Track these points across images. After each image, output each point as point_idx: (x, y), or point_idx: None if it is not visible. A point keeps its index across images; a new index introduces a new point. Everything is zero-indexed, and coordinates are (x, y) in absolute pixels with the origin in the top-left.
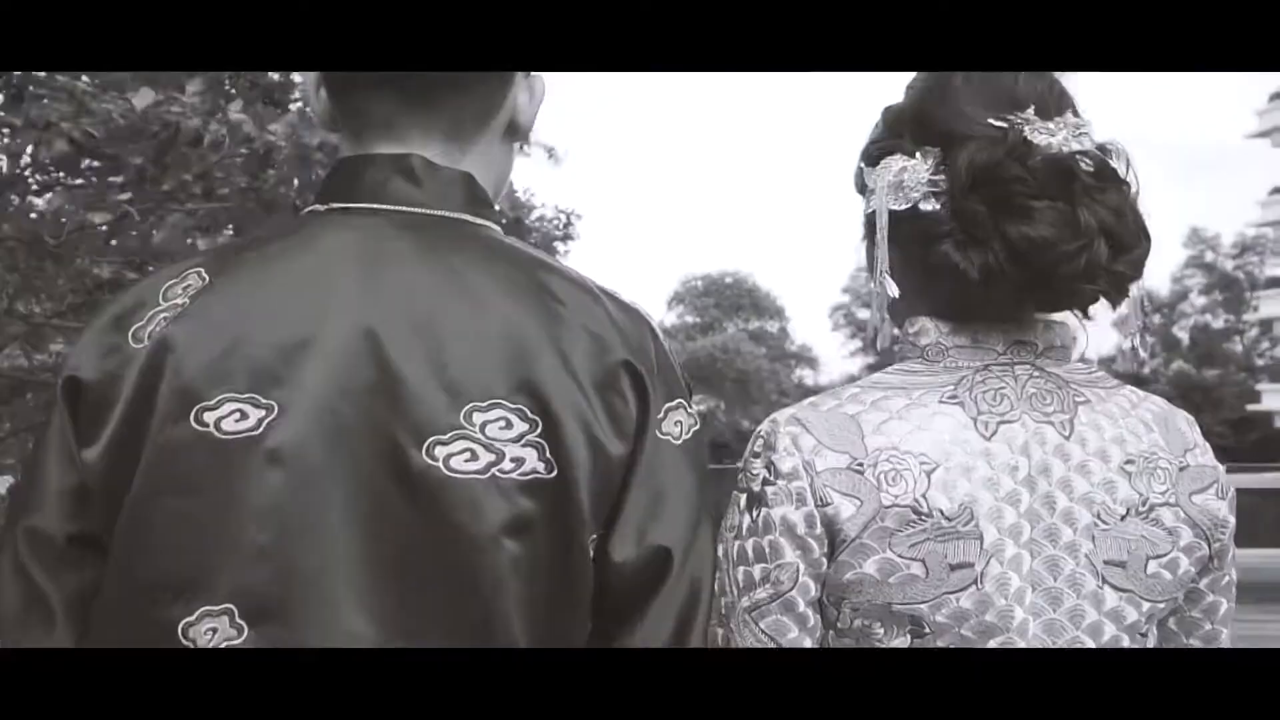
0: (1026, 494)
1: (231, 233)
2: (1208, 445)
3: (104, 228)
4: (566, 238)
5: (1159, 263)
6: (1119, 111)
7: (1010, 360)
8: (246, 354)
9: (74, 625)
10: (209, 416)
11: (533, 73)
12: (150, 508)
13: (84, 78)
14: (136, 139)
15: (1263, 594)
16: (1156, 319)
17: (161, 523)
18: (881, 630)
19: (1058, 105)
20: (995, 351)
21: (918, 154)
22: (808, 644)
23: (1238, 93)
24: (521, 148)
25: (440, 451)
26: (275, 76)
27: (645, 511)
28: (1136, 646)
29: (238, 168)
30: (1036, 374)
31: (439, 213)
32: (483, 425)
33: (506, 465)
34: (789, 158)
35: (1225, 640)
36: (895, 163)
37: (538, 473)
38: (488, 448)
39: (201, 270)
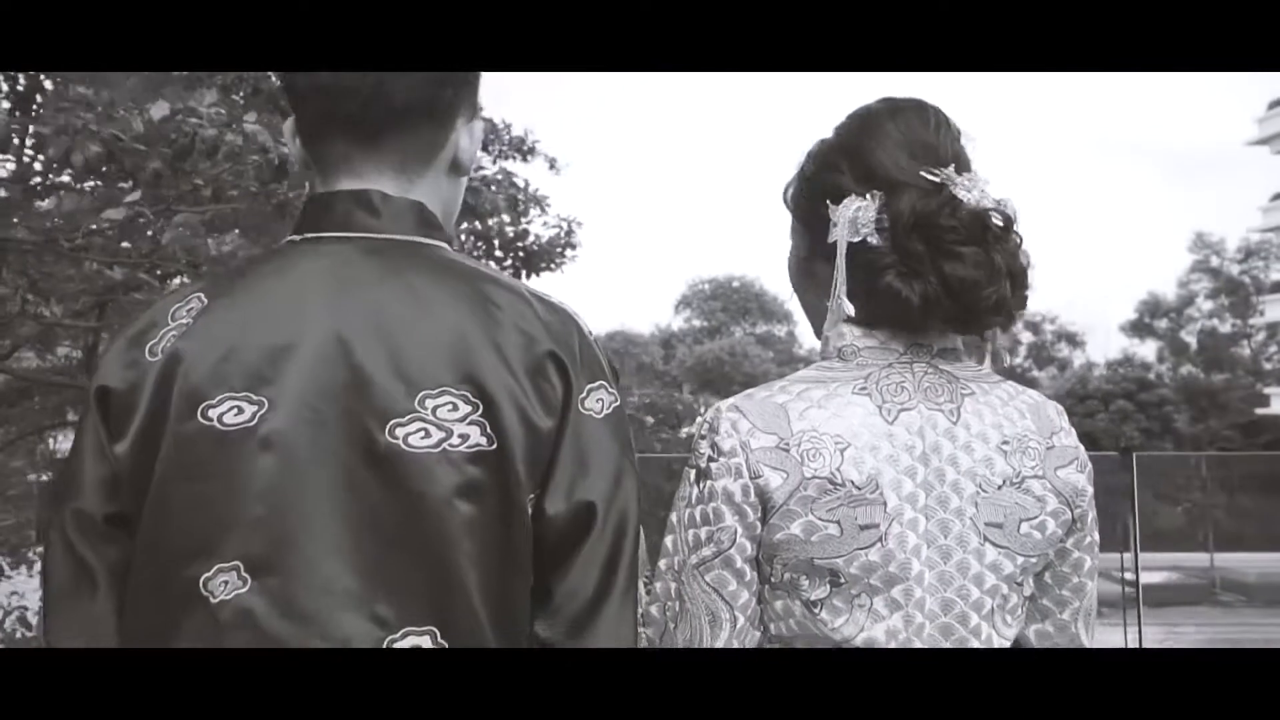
0: (921, 468)
1: (238, 234)
2: (1072, 429)
3: (111, 231)
4: (569, 245)
5: (1165, 267)
6: (1118, 113)
7: (909, 359)
8: (241, 360)
9: (115, 591)
10: (212, 412)
11: (474, 119)
12: (170, 490)
13: (104, 93)
14: (154, 145)
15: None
16: (1164, 324)
17: (179, 501)
18: (806, 582)
19: (966, 164)
20: (897, 352)
21: (867, 195)
22: (745, 596)
23: (1237, 96)
24: (525, 157)
25: (400, 432)
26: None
27: (572, 473)
28: (1013, 591)
29: (250, 175)
30: (930, 371)
31: (395, 236)
32: (434, 409)
33: (455, 440)
34: (794, 159)
35: (1091, 591)
36: (853, 202)
37: (480, 445)
38: (439, 427)
39: (201, 294)
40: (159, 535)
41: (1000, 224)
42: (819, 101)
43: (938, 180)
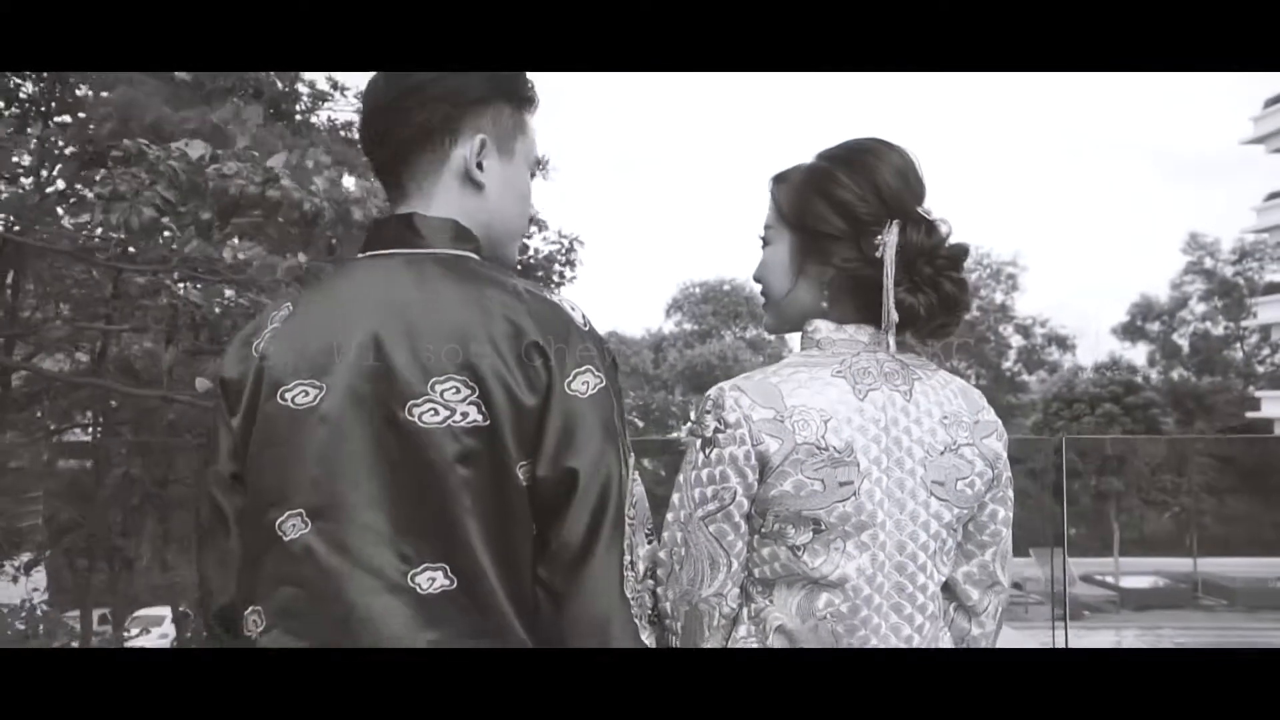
0: (884, 436)
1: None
2: (990, 408)
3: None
4: (569, 264)
5: (1158, 269)
6: (1113, 114)
7: (873, 350)
8: (308, 354)
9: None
10: (287, 395)
11: (478, 135)
12: (259, 454)
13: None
14: (203, 197)
15: None
16: (1156, 326)
17: (264, 463)
18: (793, 530)
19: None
20: (863, 344)
21: (892, 224)
22: (739, 545)
23: (1232, 97)
24: (533, 174)
25: (416, 411)
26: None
27: (557, 443)
28: (949, 536)
29: (283, 215)
30: (889, 359)
31: (434, 250)
32: (442, 392)
33: (457, 418)
34: (791, 160)
35: (1006, 537)
36: (892, 229)
37: (477, 421)
38: (445, 407)
39: (290, 303)
40: (253, 489)
41: (959, 254)
42: (814, 105)
43: (931, 218)
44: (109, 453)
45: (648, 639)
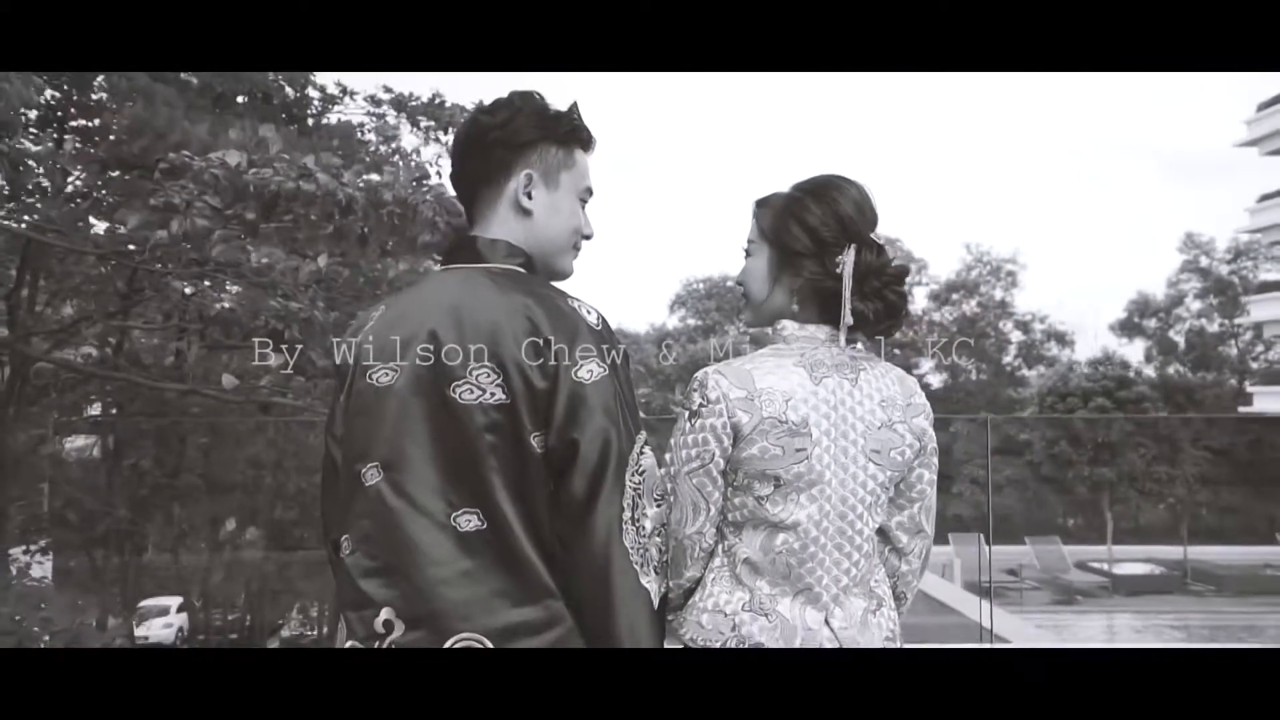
0: (833, 414)
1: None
2: (921, 392)
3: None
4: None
5: (1155, 268)
6: (1110, 114)
7: (828, 346)
8: (387, 344)
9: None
10: (372, 376)
11: (527, 171)
12: (352, 420)
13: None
14: (243, 198)
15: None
16: (1153, 323)
17: (355, 427)
18: (758, 485)
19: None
20: (820, 341)
21: (850, 246)
22: (716, 495)
23: (1228, 98)
24: (584, 201)
25: (457, 390)
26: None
27: (562, 420)
28: (883, 493)
29: (318, 209)
30: (839, 351)
31: (490, 265)
32: (477, 376)
33: (487, 397)
34: (791, 160)
35: (930, 495)
36: (850, 251)
37: (501, 399)
38: (478, 387)
39: (384, 304)
40: (347, 446)
41: (903, 273)
42: (814, 105)
43: (880, 242)
44: (120, 444)
45: (649, 584)
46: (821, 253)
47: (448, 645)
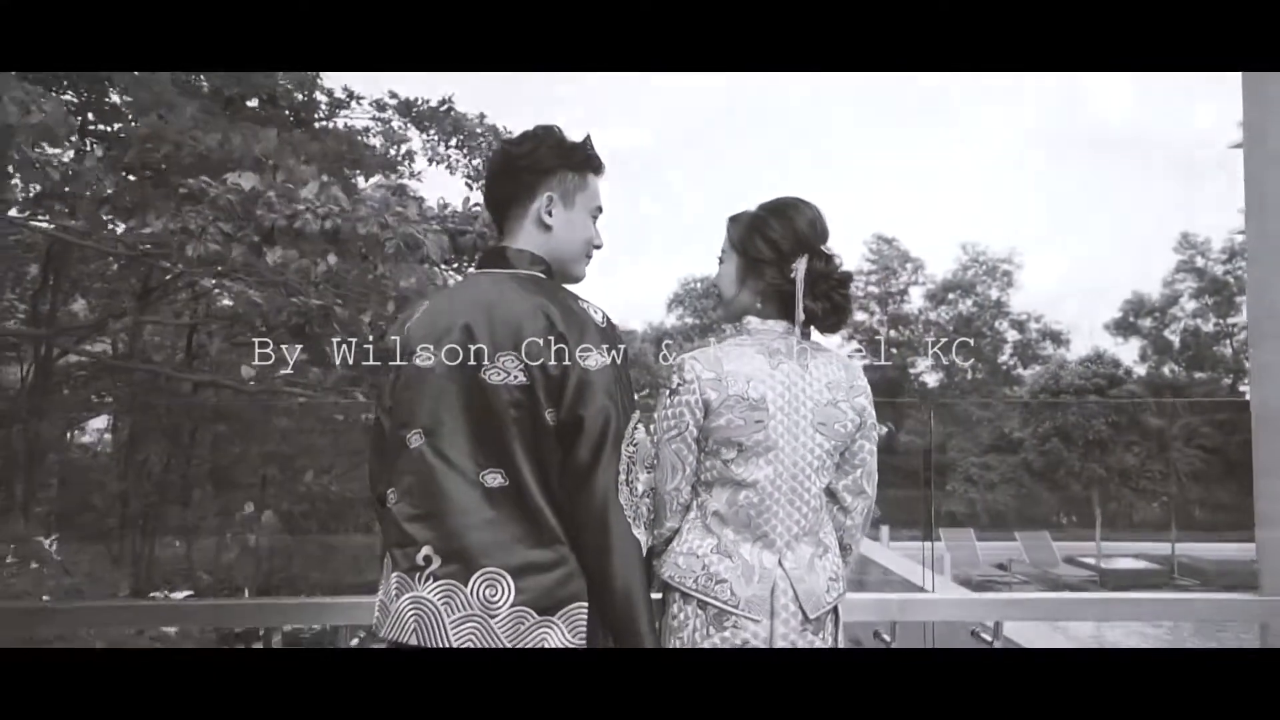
0: (787, 393)
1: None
2: (864, 376)
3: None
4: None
5: (1150, 267)
6: (1107, 113)
7: (785, 337)
8: (428, 333)
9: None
10: (415, 358)
11: (552, 191)
12: (400, 394)
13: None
14: (250, 222)
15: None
16: (1148, 323)
17: (399, 399)
18: (725, 450)
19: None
20: (777, 333)
21: (803, 257)
22: (691, 458)
23: (1226, 98)
24: (595, 217)
25: (487, 373)
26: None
27: (570, 400)
28: (828, 458)
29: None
30: (794, 342)
31: (516, 270)
32: (503, 362)
33: (510, 379)
34: (791, 160)
35: (871, 462)
36: (803, 260)
37: (522, 381)
38: (503, 371)
39: (428, 300)
40: (394, 415)
41: (847, 279)
42: (814, 104)
43: (830, 253)
44: (134, 437)
45: (639, 534)
46: (780, 261)
47: (474, 576)
